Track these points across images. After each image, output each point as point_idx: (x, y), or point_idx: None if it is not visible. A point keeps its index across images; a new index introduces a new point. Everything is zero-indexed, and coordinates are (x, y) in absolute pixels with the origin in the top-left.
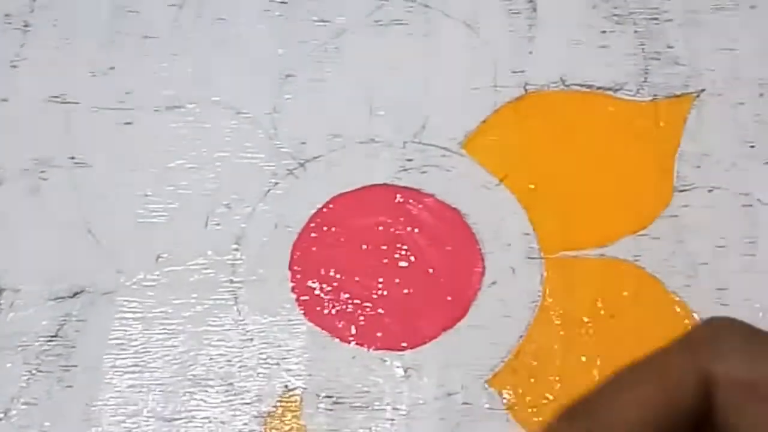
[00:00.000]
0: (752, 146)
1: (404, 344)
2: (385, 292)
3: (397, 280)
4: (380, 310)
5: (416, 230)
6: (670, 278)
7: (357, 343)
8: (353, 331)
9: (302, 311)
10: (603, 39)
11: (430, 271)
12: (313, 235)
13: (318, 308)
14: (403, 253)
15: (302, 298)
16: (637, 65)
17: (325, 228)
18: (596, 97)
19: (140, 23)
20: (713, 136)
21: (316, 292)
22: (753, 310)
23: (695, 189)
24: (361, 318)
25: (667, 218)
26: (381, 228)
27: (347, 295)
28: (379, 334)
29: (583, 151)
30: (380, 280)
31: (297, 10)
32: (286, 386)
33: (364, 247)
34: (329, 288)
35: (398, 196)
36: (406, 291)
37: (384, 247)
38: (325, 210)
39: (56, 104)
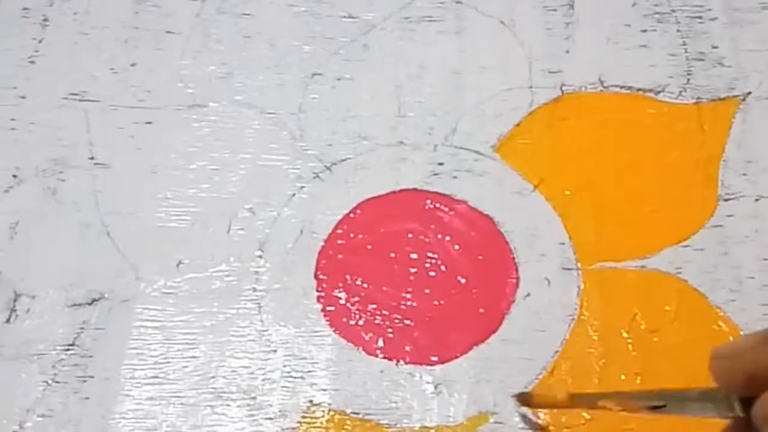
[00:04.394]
0: None
1: (434, 358)
2: (414, 303)
3: (427, 291)
4: (409, 322)
5: (447, 238)
6: (714, 292)
7: (385, 357)
8: (381, 343)
9: (328, 322)
10: (644, 38)
11: (462, 281)
12: (339, 242)
13: (344, 319)
14: (434, 262)
15: (328, 308)
16: (679, 66)
17: (352, 235)
18: (636, 99)
19: (161, 18)
20: (760, 142)
21: (342, 302)
22: None
23: (741, 198)
24: (390, 330)
25: (711, 228)
26: (410, 235)
27: (375, 306)
28: (408, 348)
29: (622, 156)
30: (409, 290)
31: (324, 5)
32: (310, 401)
33: (393, 255)
34: (356, 298)
35: (428, 201)
36: (436, 302)
37: (414, 256)
38: (352, 216)
39: (75, 102)
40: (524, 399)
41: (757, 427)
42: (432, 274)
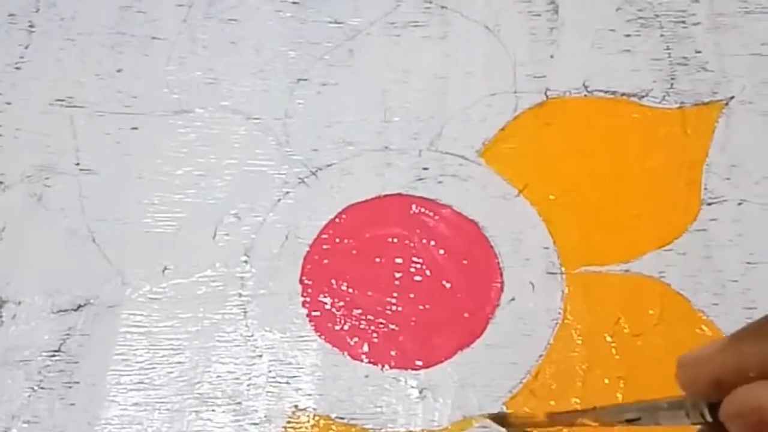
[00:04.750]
0: None
1: (419, 363)
2: (399, 308)
3: (411, 296)
4: (394, 327)
5: (432, 243)
6: (697, 296)
7: (370, 361)
8: (366, 348)
9: (313, 327)
10: (627, 43)
11: (447, 286)
12: (325, 247)
13: (329, 324)
14: (419, 266)
15: (313, 313)
16: (663, 71)
17: (337, 240)
18: (620, 104)
19: (148, 23)
20: (743, 146)
21: (328, 306)
22: None
23: (724, 202)
24: (375, 335)
25: (694, 232)
26: (395, 240)
27: (360, 311)
28: (393, 352)
29: (606, 160)
30: (394, 295)
31: (309, 11)
32: (296, 406)
33: (378, 260)
34: (341, 303)
35: (413, 206)
36: (421, 307)
37: (399, 261)
38: (337, 221)
39: (61, 108)
40: (499, 419)
41: (727, 427)
42: (417, 278)
